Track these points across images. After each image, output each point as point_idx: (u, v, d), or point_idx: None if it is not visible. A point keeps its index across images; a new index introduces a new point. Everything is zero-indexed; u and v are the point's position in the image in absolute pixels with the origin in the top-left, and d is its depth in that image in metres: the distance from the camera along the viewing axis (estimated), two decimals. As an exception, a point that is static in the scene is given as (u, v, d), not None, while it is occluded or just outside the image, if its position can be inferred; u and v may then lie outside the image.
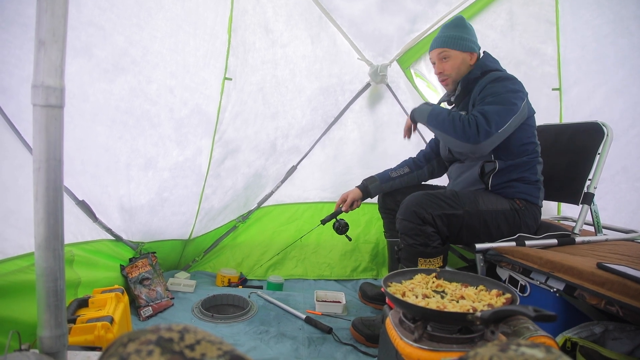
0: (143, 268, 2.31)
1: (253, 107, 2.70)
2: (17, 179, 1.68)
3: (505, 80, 2.02)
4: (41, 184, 0.92)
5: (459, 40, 2.15)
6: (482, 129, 1.88)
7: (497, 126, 1.90)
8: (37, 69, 0.90)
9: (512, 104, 1.95)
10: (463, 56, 2.16)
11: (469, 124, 1.91)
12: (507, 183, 2.06)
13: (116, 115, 2.10)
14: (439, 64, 2.21)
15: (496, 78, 2.03)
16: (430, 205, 1.89)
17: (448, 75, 2.20)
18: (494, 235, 1.99)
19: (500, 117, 1.91)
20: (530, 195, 2.07)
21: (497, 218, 1.99)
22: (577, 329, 1.49)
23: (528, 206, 2.06)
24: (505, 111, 1.93)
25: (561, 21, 2.81)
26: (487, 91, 2.01)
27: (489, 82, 2.03)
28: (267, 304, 2.41)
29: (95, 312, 1.56)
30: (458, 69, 2.17)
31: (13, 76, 1.68)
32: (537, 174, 2.11)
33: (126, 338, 0.59)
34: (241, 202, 2.95)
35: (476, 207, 1.97)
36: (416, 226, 1.88)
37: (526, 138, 2.06)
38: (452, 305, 1.19)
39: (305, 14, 2.71)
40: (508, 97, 1.95)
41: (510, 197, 2.06)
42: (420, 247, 1.89)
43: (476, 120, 1.90)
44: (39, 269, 0.94)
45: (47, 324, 0.96)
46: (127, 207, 2.29)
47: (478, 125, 1.89)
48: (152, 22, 2.09)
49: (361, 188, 2.45)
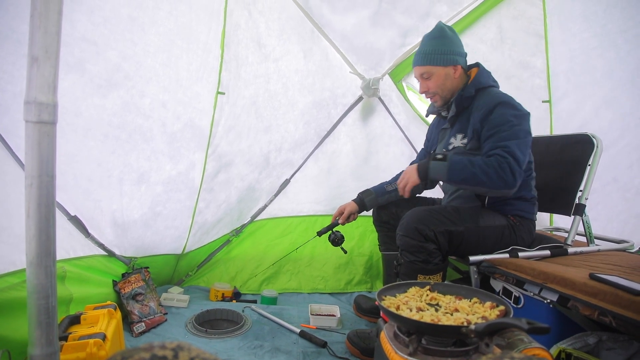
0: (136, 283, 2.29)
1: (246, 121, 2.71)
2: (8, 195, 1.67)
3: (510, 106, 1.95)
4: (33, 200, 0.92)
5: (439, 55, 2.08)
6: (516, 172, 1.82)
7: (522, 163, 1.87)
8: (29, 85, 0.90)
9: (528, 134, 1.93)
10: (446, 71, 2.10)
11: (502, 169, 1.81)
12: (504, 201, 2.05)
13: (109, 130, 2.10)
14: (423, 83, 2.17)
15: (500, 102, 1.95)
16: (433, 221, 1.88)
17: (434, 93, 2.16)
18: (490, 250, 1.99)
19: (523, 152, 1.88)
20: (525, 211, 2.08)
21: (494, 233, 1.99)
22: (571, 339, 1.50)
23: (523, 222, 2.07)
24: (525, 144, 1.90)
25: (550, 34, 2.86)
26: (497, 119, 1.93)
27: (495, 106, 1.95)
28: (261, 318, 2.39)
29: (87, 329, 1.54)
30: (442, 85, 2.12)
31: (5, 92, 1.68)
32: (532, 190, 2.11)
33: (119, 356, 0.59)
34: (234, 215, 2.95)
35: (477, 223, 1.96)
36: (418, 243, 1.86)
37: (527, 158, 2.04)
38: (447, 318, 1.20)
39: (298, 29, 2.73)
40: (523, 127, 1.92)
41: (505, 214, 2.06)
42: (421, 264, 1.87)
43: (509, 164, 1.81)
44: (30, 286, 0.94)
45: (39, 341, 0.95)
46: (120, 222, 2.28)
47: (512, 169, 1.81)
48: (145, 37, 2.11)
49: (357, 201, 2.43)
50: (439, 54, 2.08)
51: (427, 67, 2.11)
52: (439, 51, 2.08)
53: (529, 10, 2.85)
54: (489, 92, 2.05)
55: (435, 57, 2.08)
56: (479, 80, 2.09)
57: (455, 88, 2.14)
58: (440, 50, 2.08)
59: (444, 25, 2.15)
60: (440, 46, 2.09)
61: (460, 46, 2.15)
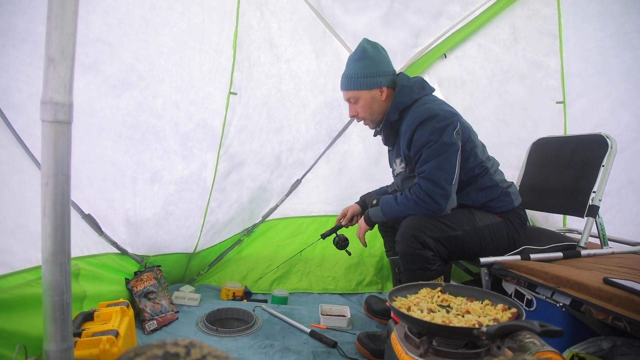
0: (148, 282, 2.31)
1: (258, 121, 2.72)
2: (25, 194, 1.70)
3: (429, 122, 1.87)
4: (49, 198, 0.93)
5: (362, 79, 2.00)
6: (436, 196, 1.83)
7: (448, 180, 1.84)
8: (46, 86, 0.92)
9: (449, 146, 1.85)
10: (372, 94, 2.03)
11: (421, 200, 1.85)
12: (483, 203, 2.01)
13: (122, 129, 2.12)
14: (351, 108, 2.10)
15: (420, 123, 1.89)
16: (430, 227, 1.86)
17: (363, 118, 2.11)
18: (494, 249, 1.97)
19: (445, 170, 1.85)
20: (501, 205, 2.02)
21: (493, 231, 1.97)
22: (585, 344, 1.48)
23: (509, 214, 2.03)
24: (448, 159, 1.85)
25: (564, 34, 2.83)
26: (417, 142, 1.90)
27: (415, 129, 1.90)
28: (272, 318, 2.40)
29: (100, 326, 1.56)
30: (370, 109, 2.06)
31: (22, 92, 1.71)
32: (497, 185, 2.02)
33: (133, 353, 0.59)
34: (246, 215, 2.96)
35: (474, 224, 1.94)
36: (415, 250, 1.85)
37: (471, 161, 1.97)
38: (458, 320, 1.19)
39: (310, 29, 2.74)
40: (442, 142, 1.85)
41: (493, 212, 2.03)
42: (420, 271, 1.86)
43: (425, 191, 1.84)
44: (45, 283, 0.95)
45: (53, 337, 0.97)
46: (133, 220, 2.30)
47: (429, 194, 1.83)
48: (159, 38, 2.13)
49: (360, 203, 2.42)
50: (362, 78, 2.01)
51: (352, 92, 2.05)
52: (362, 74, 2.01)
53: (543, 10, 2.83)
54: (413, 111, 1.96)
55: (359, 81, 2.01)
56: (399, 101, 2.01)
57: (385, 109, 2.07)
58: (363, 73, 2.01)
59: (366, 44, 2.05)
60: (363, 69, 2.01)
61: (386, 65, 2.06)
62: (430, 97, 2.05)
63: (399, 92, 2.02)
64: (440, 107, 1.92)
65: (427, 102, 1.98)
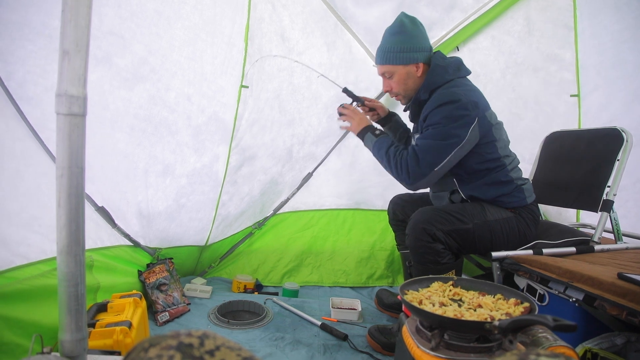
0: (160, 274, 2.33)
1: (269, 114, 2.72)
2: (40, 186, 1.72)
3: (448, 105, 1.84)
4: (64, 190, 0.94)
5: (398, 53, 1.96)
6: (412, 171, 1.84)
7: (432, 165, 1.83)
8: (60, 78, 0.92)
9: (452, 137, 1.83)
10: (407, 69, 2.00)
11: (400, 164, 1.87)
12: (495, 198, 1.99)
13: (135, 122, 2.13)
14: (385, 82, 2.08)
15: (440, 104, 1.87)
16: (440, 220, 1.86)
17: (397, 93, 2.09)
18: (504, 243, 1.96)
19: (435, 155, 1.83)
20: (513, 201, 2.00)
21: (504, 226, 1.95)
22: (598, 339, 1.47)
23: (521, 210, 2.01)
24: (443, 147, 1.83)
25: (579, 26, 2.78)
26: (430, 119, 1.89)
27: (435, 107, 1.88)
28: (283, 311, 2.41)
29: (114, 317, 1.58)
30: (405, 84, 2.03)
31: (37, 85, 1.73)
32: (512, 181, 1.99)
33: (147, 343, 0.60)
34: (257, 208, 2.97)
35: (484, 218, 1.93)
36: (425, 244, 1.84)
37: (488, 155, 1.95)
38: (470, 313, 1.19)
39: (321, 22, 2.72)
40: (448, 130, 1.83)
41: (504, 207, 2.01)
42: (431, 265, 1.86)
43: (407, 161, 1.85)
44: (60, 274, 0.96)
45: (68, 327, 0.98)
46: (145, 213, 2.32)
47: (409, 166, 1.85)
48: (171, 31, 2.13)
49: (390, 113, 2.39)
50: (398, 52, 1.97)
51: (388, 66, 2.01)
52: (399, 49, 1.96)
53: (558, 1, 2.78)
54: (439, 92, 1.94)
55: (395, 55, 1.97)
56: (431, 81, 1.98)
57: (419, 86, 2.04)
58: (400, 47, 1.96)
59: (404, 17, 2.00)
60: (400, 43, 1.97)
61: (423, 39, 2.02)
62: (463, 80, 2.00)
63: (432, 71, 1.98)
64: (466, 94, 1.87)
65: (457, 85, 1.94)
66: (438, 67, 1.98)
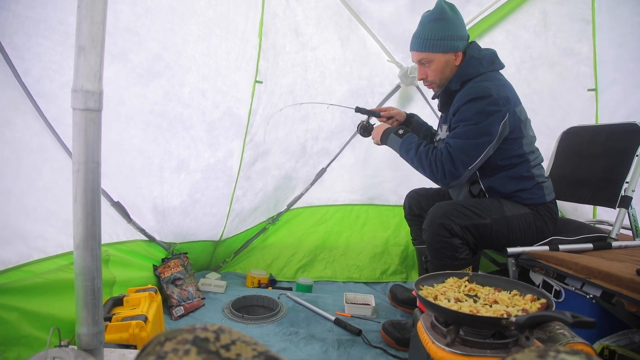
0: (175, 268, 2.35)
1: (283, 109, 2.72)
2: (57, 181, 1.74)
3: (480, 101, 1.82)
4: (80, 185, 0.95)
5: (439, 41, 1.91)
6: (447, 171, 1.83)
7: (466, 165, 1.82)
8: (77, 74, 0.93)
9: (485, 135, 1.81)
10: (446, 58, 1.95)
11: (435, 165, 1.85)
12: (512, 193, 1.97)
13: (150, 118, 2.15)
14: (421, 69, 2.03)
15: (471, 98, 1.84)
16: (458, 215, 1.84)
17: (432, 82, 2.04)
18: (521, 239, 1.94)
19: (469, 154, 1.82)
20: (532, 197, 1.98)
21: (522, 222, 1.93)
22: (616, 336, 1.45)
23: (539, 207, 1.99)
24: (476, 146, 1.82)
25: (597, 19, 2.73)
26: (461, 115, 1.86)
27: (467, 102, 1.85)
28: (297, 306, 2.42)
29: (129, 311, 1.60)
30: (442, 72, 1.99)
31: (53, 81, 1.74)
32: (533, 177, 1.98)
33: (163, 337, 0.60)
34: (271, 204, 2.98)
35: (502, 213, 1.91)
36: (443, 238, 1.83)
37: (513, 151, 1.93)
38: (485, 309, 1.17)
39: (335, 17, 2.71)
40: (481, 128, 1.81)
41: (523, 204, 1.99)
42: (448, 260, 1.84)
43: (442, 161, 1.83)
44: (77, 268, 0.97)
45: (85, 321, 0.99)
46: (160, 208, 2.34)
47: (444, 167, 1.83)
48: (185, 27, 2.14)
49: (408, 115, 2.38)
50: (438, 40, 1.91)
51: (426, 53, 1.96)
52: (439, 36, 1.91)
53: (575, -6, 2.73)
54: (471, 85, 1.91)
55: (435, 42, 1.92)
56: (465, 72, 1.95)
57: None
58: (440, 35, 1.91)
59: (444, 3, 1.95)
60: (440, 30, 1.91)
61: (462, 28, 1.98)
62: (496, 74, 1.98)
63: (467, 62, 1.95)
64: (498, 90, 1.84)
65: (490, 79, 1.92)
66: (473, 58, 1.95)
